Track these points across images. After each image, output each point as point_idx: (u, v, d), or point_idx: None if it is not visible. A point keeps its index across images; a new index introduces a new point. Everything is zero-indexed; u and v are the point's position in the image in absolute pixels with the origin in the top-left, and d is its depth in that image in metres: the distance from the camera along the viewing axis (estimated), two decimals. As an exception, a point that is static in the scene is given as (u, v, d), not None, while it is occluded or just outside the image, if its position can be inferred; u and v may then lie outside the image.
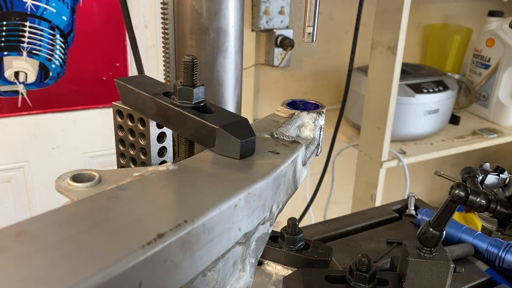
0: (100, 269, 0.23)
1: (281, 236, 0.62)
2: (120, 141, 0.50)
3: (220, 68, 0.62)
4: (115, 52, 1.63)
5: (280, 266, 0.62)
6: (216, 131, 0.39)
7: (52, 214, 0.28)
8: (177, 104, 0.42)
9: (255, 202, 0.36)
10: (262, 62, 1.75)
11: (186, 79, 0.42)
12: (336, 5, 1.82)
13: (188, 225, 0.29)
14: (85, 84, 1.62)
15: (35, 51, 1.52)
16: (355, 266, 0.51)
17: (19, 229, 0.26)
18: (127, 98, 0.47)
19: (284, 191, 0.42)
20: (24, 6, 1.45)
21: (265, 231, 0.40)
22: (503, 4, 1.94)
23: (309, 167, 0.49)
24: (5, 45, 1.47)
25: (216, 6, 0.59)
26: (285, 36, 1.67)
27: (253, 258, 0.39)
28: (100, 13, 1.56)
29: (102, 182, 0.34)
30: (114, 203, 0.30)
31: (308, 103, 0.55)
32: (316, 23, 0.52)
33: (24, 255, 0.24)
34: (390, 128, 1.44)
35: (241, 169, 0.38)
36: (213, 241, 0.32)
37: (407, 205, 0.96)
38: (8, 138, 1.57)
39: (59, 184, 0.34)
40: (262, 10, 1.63)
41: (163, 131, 0.48)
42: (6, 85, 1.52)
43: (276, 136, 0.46)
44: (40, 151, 1.63)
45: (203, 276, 0.32)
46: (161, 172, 0.36)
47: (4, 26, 1.45)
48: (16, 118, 1.56)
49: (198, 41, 0.61)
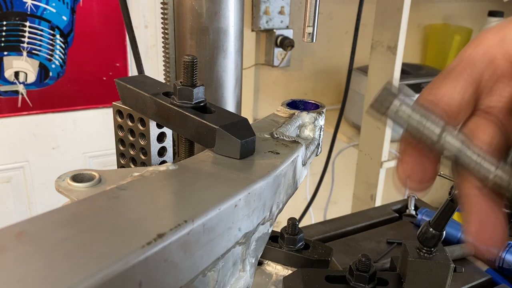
0: (100, 269, 0.23)
1: (281, 236, 0.62)
2: (120, 141, 0.50)
3: (220, 68, 0.62)
4: (115, 52, 1.63)
5: (280, 266, 0.62)
6: (216, 131, 0.39)
7: (52, 214, 0.28)
8: (177, 104, 0.42)
9: (255, 202, 0.36)
10: (262, 62, 1.75)
11: (186, 79, 0.42)
12: (336, 5, 1.82)
13: (188, 225, 0.29)
14: (85, 84, 1.62)
15: (35, 51, 1.52)
16: (355, 266, 0.51)
17: (19, 229, 0.26)
18: (127, 98, 0.47)
19: (284, 191, 0.42)
20: (24, 6, 1.45)
21: (265, 231, 0.40)
22: (503, 4, 1.94)
23: (309, 167, 0.49)
24: (5, 45, 1.47)
25: (216, 6, 0.59)
26: (285, 36, 1.67)
27: (253, 258, 0.39)
28: (100, 13, 1.56)
29: (102, 182, 0.34)
30: (114, 203, 0.30)
31: (308, 103, 0.55)
32: (316, 23, 0.52)
33: (24, 255, 0.24)
34: (390, 128, 1.44)
35: (241, 169, 0.38)
36: (213, 241, 0.31)
37: (407, 205, 0.96)
38: (8, 138, 1.57)
39: (59, 184, 0.34)
40: (262, 10, 1.63)
41: (163, 131, 0.48)
42: (6, 85, 1.52)
43: (276, 136, 0.46)
44: (40, 151, 1.63)
45: (203, 276, 0.32)
46: (161, 172, 0.36)
47: (4, 26, 1.45)
48: (16, 118, 1.56)
49: (198, 41, 0.61)
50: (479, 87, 0.31)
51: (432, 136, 0.28)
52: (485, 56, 0.31)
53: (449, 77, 0.31)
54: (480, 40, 0.32)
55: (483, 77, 0.31)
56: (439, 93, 0.30)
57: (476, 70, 0.31)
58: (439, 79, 0.31)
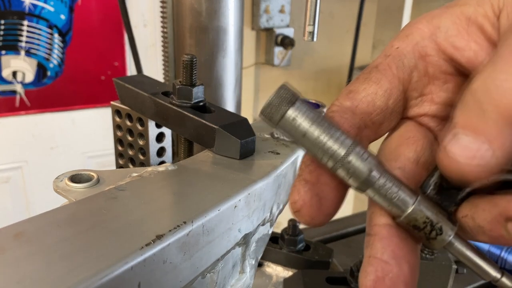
0: (99, 270, 0.23)
1: (281, 237, 0.62)
2: (118, 141, 0.50)
3: (219, 68, 0.62)
4: (113, 51, 1.62)
5: (280, 267, 0.61)
6: (216, 131, 0.39)
7: (50, 215, 0.28)
8: (176, 104, 0.41)
9: (255, 203, 0.36)
10: (262, 61, 1.75)
11: (185, 78, 0.42)
12: (337, 4, 1.81)
13: (187, 226, 0.28)
14: (84, 84, 1.62)
15: (33, 50, 1.51)
16: (356, 268, 0.50)
17: (17, 230, 0.26)
18: (126, 98, 0.46)
19: (285, 191, 0.42)
20: (22, 5, 1.45)
21: (265, 232, 0.40)
22: (503, 3, 1.94)
23: (309, 167, 0.48)
24: (3, 44, 1.47)
25: (216, 4, 0.59)
26: (285, 35, 1.67)
27: (253, 259, 0.39)
28: (98, 12, 1.56)
29: (101, 182, 0.34)
30: (112, 203, 0.30)
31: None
32: (317, 22, 0.52)
33: (23, 256, 0.24)
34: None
35: (241, 169, 0.38)
36: (213, 242, 0.31)
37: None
38: (6, 138, 1.57)
39: (57, 184, 0.34)
40: (262, 8, 1.63)
41: (162, 131, 0.48)
42: (4, 84, 1.51)
43: (276, 136, 0.46)
44: (38, 151, 1.62)
45: (202, 278, 0.31)
46: (160, 172, 0.35)
47: (2, 25, 1.45)
48: (14, 118, 1.56)
49: (197, 40, 0.60)
50: (407, 90, 0.25)
51: (332, 158, 0.22)
52: (415, 51, 0.25)
53: (371, 78, 0.25)
54: (410, 31, 0.26)
55: (412, 78, 0.25)
56: (357, 97, 0.24)
57: (404, 69, 0.25)
58: (360, 79, 0.25)
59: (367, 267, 0.23)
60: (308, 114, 0.22)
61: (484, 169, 0.19)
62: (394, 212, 0.23)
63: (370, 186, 0.23)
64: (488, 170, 0.19)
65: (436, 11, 0.25)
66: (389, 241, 0.23)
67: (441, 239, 0.23)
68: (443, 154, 0.20)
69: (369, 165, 0.22)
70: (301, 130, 0.22)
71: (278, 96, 0.23)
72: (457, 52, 0.24)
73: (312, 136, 0.22)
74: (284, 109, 0.22)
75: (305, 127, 0.22)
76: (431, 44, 0.25)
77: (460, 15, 0.24)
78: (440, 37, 0.24)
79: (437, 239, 0.23)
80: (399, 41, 0.26)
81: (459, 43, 0.24)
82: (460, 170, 0.19)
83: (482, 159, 0.19)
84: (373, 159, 0.22)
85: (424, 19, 0.26)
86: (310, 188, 0.23)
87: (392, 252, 0.23)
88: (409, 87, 0.25)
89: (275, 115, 0.22)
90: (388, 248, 0.23)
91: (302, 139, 0.22)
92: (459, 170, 0.19)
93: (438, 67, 0.25)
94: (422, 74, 0.25)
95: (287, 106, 0.22)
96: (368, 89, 0.24)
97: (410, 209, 0.22)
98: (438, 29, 0.25)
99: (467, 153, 0.19)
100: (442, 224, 0.23)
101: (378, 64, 0.25)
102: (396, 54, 0.25)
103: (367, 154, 0.22)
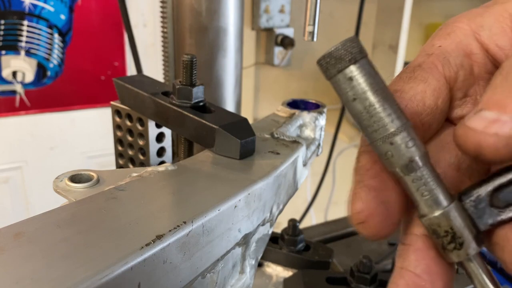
0: (99, 270, 0.23)
1: (281, 237, 0.62)
2: (118, 141, 0.50)
3: (219, 68, 0.62)
4: (113, 51, 1.62)
5: (280, 267, 0.61)
6: (216, 131, 0.39)
7: (50, 215, 0.28)
8: (176, 104, 0.41)
9: (255, 203, 0.36)
10: (262, 62, 1.74)
11: (185, 78, 0.42)
12: (337, 4, 1.81)
13: (187, 226, 0.28)
14: (83, 84, 1.61)
15: (33, 50, 1.51)
16: (356, 268, 0.50)
17: (17, 230, 0.26)
18: (126, 98, 0.46)
19: (285, 191, 0.42)
20: (22, 5, 1.45)
21: (265, 232, 0.40)
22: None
23: (309, 167, 0.48)
24: (3, 44, 1.47)
25: (216, 4, 0.59)
26: (285, 35, 1.67)
27: (253, 259, 0.39)
28: (98, 12, 1.56)
29: (101, 182, 0.34)
30: (112, 204, 0.30)
31: (308, 103, 0.54)
32: (317, 22, 0.52)
33: (22, 256, 0.24)
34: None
35: (241, 169, 0.38)
36: (213, 242, 0.31)
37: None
38: (6, 138, 1.57)
39: (57, 184, 0.34)
40: (262, 8, 1.63)
41: (162, 131, 0.48)
42: (4, 84, 1.51)
43: (276, 136, 0.46)
44: (38, 151, 1.62)
45: (202, 278, 0.31)
46: (160, 172, 0.35)
47: (2, 25, 1.45)
48: (14, 118, 1.56)
49: (197, 40, 0.60)
50: (453, 89, 0.24)
51: (377, 132, 0.20)
52: (459, 49, 0.23)
53: (416, 76, 0.23)
54: (451, 29, 0.24)
55: (458, 77, 0.23)
56: (405, 96, 0.22)
57: (450, 67, 0.23)
58: (403, 78, 0.23)
59: (398, 279, 0.21)
60: (367, 78, 0.20)
61: (502, 140, 0.18)
62: (421, 208, 0.21)
63: (406, 174, 0.21)
64: (506, 142, 0.18)
65: (476, 10, 0.24)
66: (425, 254, 0.21)
67: (456, 254, 0.21)
68: (461, 127, 0.19)
69: (411, 153, 0.20)
70: (354, 93, 0.20)
71: (342, 48, 0.20)
72: (501, 51, 0.23)
73: (363, 103, 0.20)
74: (344, 65, 0.20)
75: (358, 91, 0.20)
76: (475, 43, 0.23)
77: (504, 12, 0.23)
78: (483, 35, 0.23)
79: (453, 253, 0.21)
80: (440, 40, 0.24)
81: (503, 42, 0.23)
82: (476, 139, 0.18)
83: (500, 128, 0.18)
84: (419, 148, 0.20)
85: (465, 18, 0.24)
86: (376, 196, 0.21)
87: (426, 266, 0.21)
88: (455, 86, 0.24)
89: (332, 68, 0.20)
90: (423, 261, 0.21)
91: (351, 103, 0.20)
92: (475, 139, 0.18)
93: (483, 66, 0.24)
94: (468, 73, 0.24)
95: (349, 62, 0.20)
96: (415, 88, 0.23)
97: (437, 213, 0.21)
98: (481, 28, 0.23)
99: (485, 123, 0.18)
100: (464, 240, 0.21)
101: (421, 62, 0.24)
102: (440, 52, 0.24)
103: (414, 140, 0.20)
